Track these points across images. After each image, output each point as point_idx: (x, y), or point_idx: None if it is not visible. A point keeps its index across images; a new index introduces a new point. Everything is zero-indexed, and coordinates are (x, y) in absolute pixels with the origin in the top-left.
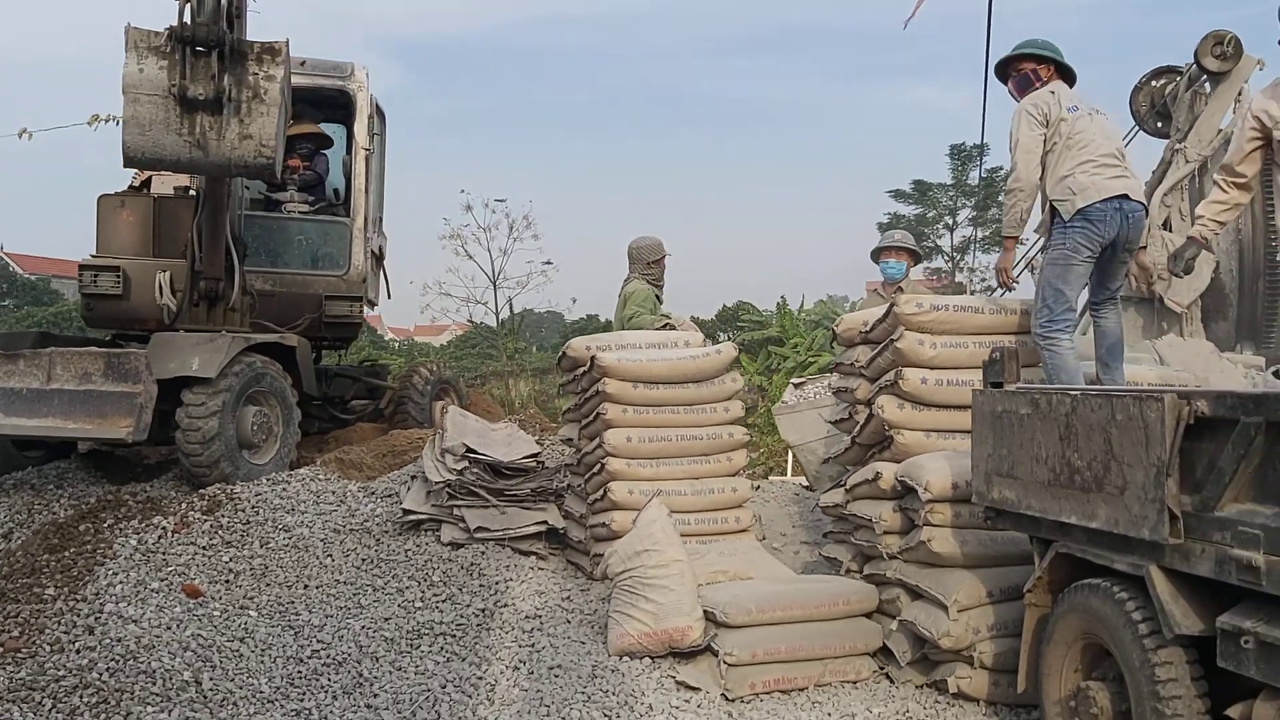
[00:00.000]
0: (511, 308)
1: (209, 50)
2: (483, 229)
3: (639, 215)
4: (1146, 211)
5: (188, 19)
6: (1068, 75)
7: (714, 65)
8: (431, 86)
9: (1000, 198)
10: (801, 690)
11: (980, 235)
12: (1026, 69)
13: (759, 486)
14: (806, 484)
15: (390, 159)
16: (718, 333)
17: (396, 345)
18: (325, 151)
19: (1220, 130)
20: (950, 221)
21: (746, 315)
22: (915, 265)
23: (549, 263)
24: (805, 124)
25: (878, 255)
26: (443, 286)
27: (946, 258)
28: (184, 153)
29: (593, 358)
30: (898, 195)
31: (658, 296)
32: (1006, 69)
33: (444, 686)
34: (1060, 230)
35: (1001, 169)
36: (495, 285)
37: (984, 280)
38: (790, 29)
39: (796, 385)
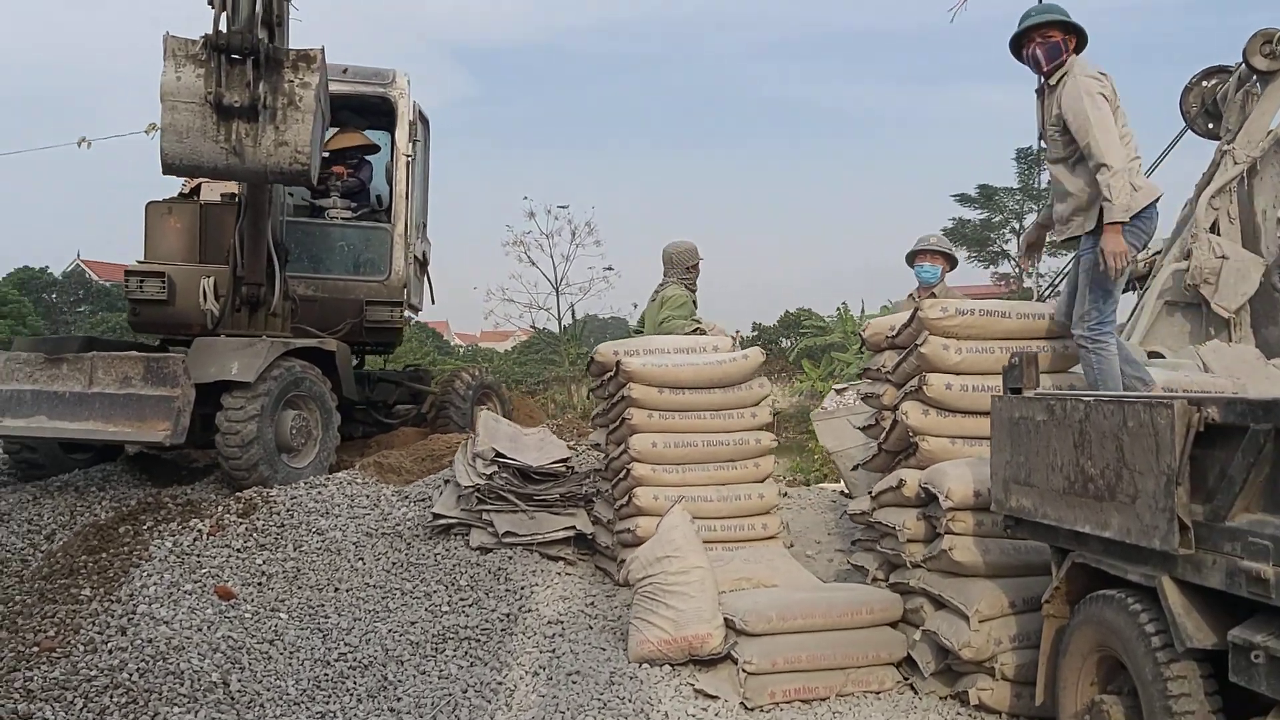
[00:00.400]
0: (574, 313)
1: (244, 58)
2: (545, 235)
3: (700, 220)
4: None
5: (223, 27)
6: (1081, 48)
7: (778, 69)
8: (496, 93)
9: (1106, 179)
10: (823, 700)
11: (1047, 239)
12: (1058, 37)
13: (786, 493)
14: (845, 491)
15: (455, 165)
16: (780, 339)
17: (462, 351)
18: (370, 158)
19: (1271, 131)
20: (1016, 226)
21: (808, 321)
22: (951, 269)
23: (610, 268)
24: (870, 127)
25: (912, 259)
26: (506, 293)
27: (1013, 262)
28: (221, 160)
29: (618, 362)
30: (963, 199)
31: (694, 301)
32: (1030, 36)
33: (465, 691)
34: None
35: None
36: (558, 291)
37: (1053, 285)
38: (856, 33)
39: (839, 391)
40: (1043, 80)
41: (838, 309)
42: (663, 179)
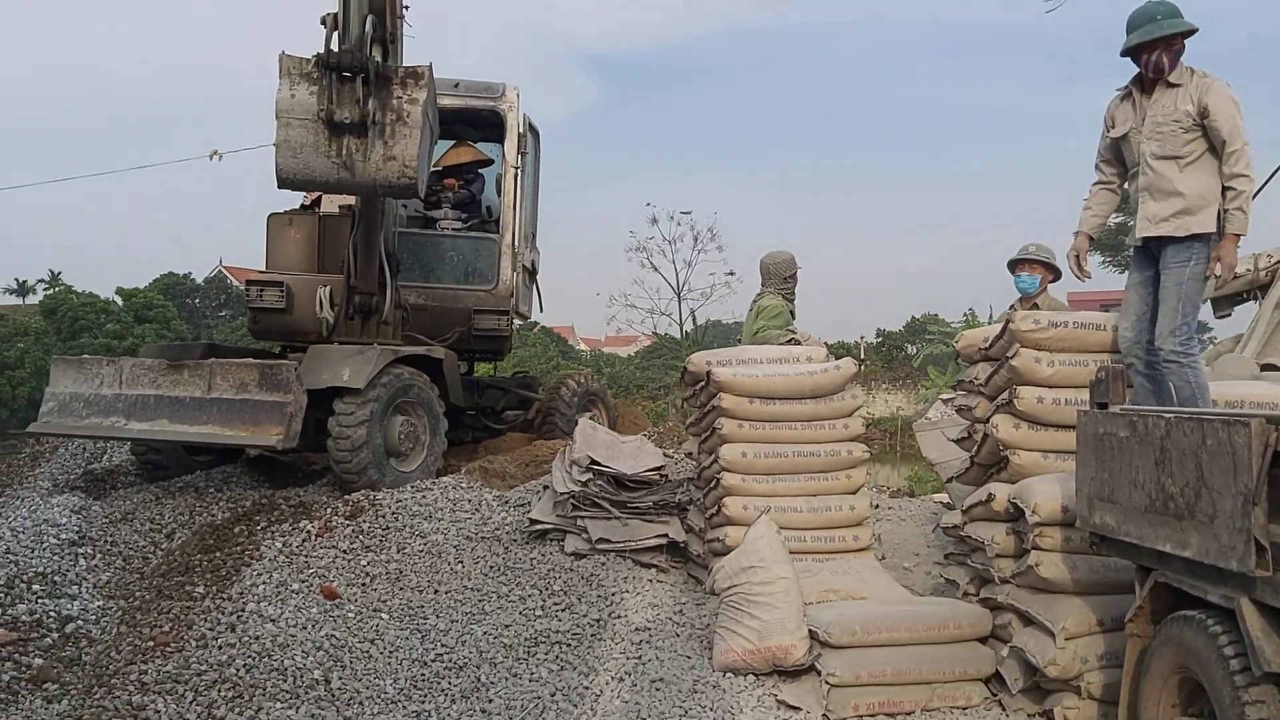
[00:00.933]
0: (695, 319)
1: (354, 75)
2: (668, 241)
3: (825, 224)
4: None
5: (334, 46)
6: None
7: (911, 72)
8: (626, 100)
9: (1247, 189)
10: (908, 715)
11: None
12: (1180, 44)
13: (877, 505)
14: (948, 502)
15: (582, 171)
16: (905, 344)
17: (586, 355)
18: (482, 170)
19: None
20: None
21: (934, 327)
22: (1055, 280)
23: (732, 274)
24: (1005, 129)
25: (1013, 268)
26: (628, 298)
27: None
28: (332, 174)
29: (709, 372)
30: None
31: (791, 311)
32: (1156, 45)
33: (553, 695)
34: (1207, 245)
35: None
36: (680, 297)
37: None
38: (995, 33)
39: (945, 401)
40: (1159, 79)
41: (965, 314)
42: (788, 183)
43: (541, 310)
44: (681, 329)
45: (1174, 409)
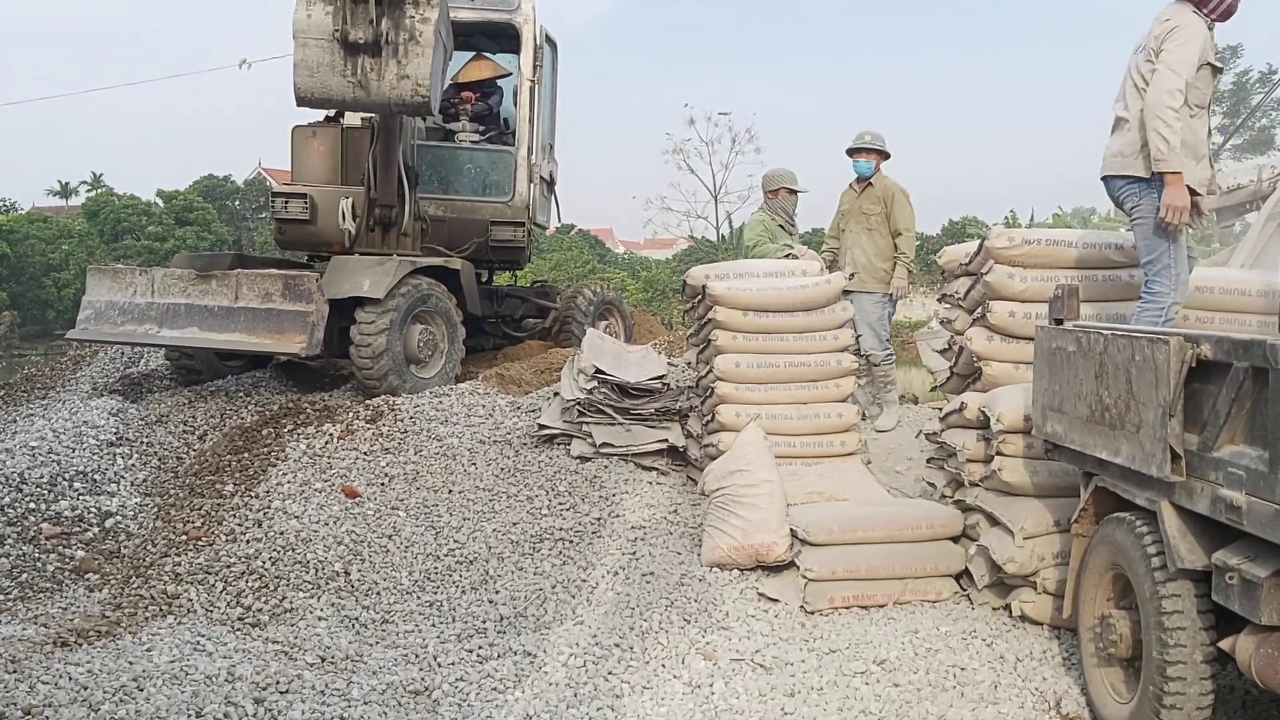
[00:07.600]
0: (731, 223)
1: None
2: (705, 143)
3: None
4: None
5: None
6: None
7: None
8: None
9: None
10: (880, 607)
11: (1231, 143)
12: None
13: (865, 415)
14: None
15: (617, 70)
16: (944, 248)
17: (623, 258)
18: (500, 82)
19: None
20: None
21: (973, 230)
22: (885, 160)
23: None
24: (1036, 25)
25: (851, 154)
26: (664, 201)
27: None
28: (348, 93)
29: (705, 286)
30: None
31: (783, 227)
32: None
33: (554, 587)
34: None
35: (1252, 71)
36: (716, 200)
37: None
38: None
39: None
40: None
41: (1005, 217)
42: (831, 82)
43: (559, 220)
44: (718, 232)
45: (1111, 326)
